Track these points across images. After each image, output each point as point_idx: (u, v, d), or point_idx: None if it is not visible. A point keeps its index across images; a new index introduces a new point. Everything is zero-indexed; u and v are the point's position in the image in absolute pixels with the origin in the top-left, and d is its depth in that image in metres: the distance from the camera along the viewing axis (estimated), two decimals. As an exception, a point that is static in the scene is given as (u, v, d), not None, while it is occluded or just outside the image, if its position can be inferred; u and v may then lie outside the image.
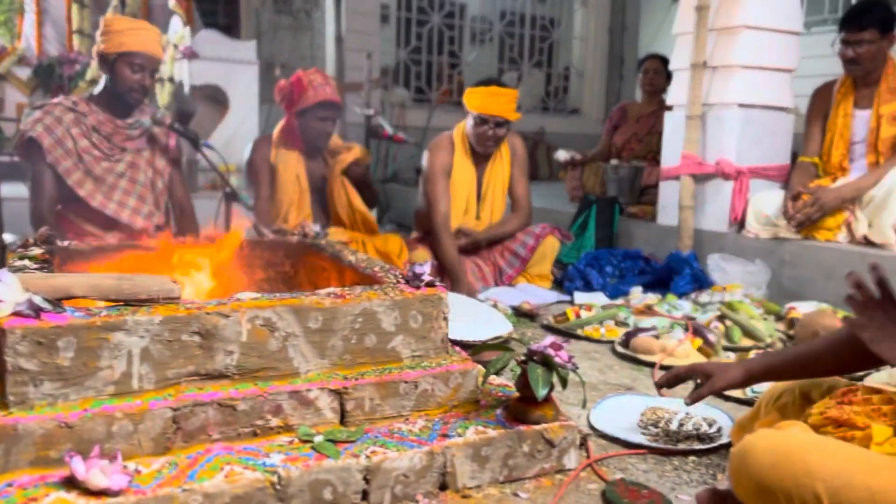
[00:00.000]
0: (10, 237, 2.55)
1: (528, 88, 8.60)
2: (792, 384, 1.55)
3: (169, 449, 1.49)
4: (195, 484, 1.37)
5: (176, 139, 3.22)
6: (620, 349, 2.72)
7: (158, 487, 1.35)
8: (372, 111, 6.14)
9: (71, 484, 1.33)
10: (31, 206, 2.94)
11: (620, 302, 3.32)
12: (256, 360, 1.63)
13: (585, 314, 3.05)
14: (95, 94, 3.08)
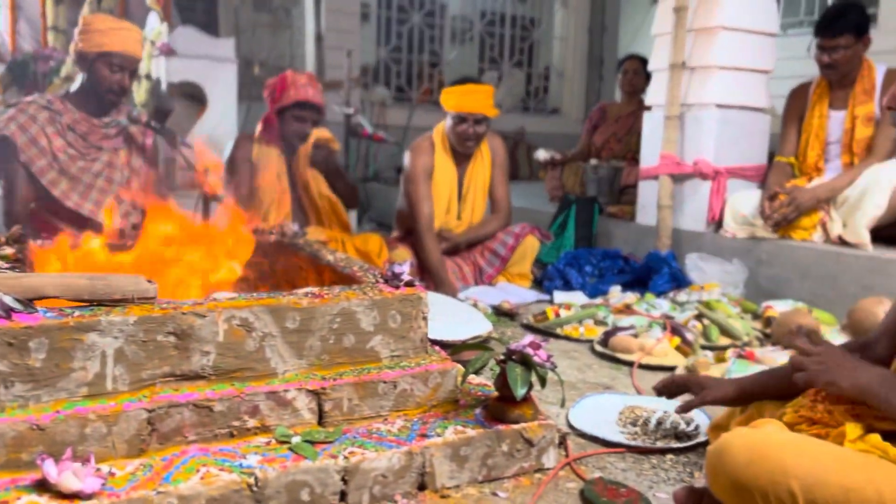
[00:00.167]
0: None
1: (508, 88, 8.61)
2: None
3: (144, 451, 1.47)
4: (170, 486, 1.35)
5: (153, 137, 3.19)
6: (599, 348, 2.73)
7: (133, 490, 1.33)
8: (352, 110, 6.12)
9: (43, 487, 1.31)
10: (3, 205, 2.89)
11: (599, 301, 3.33)
12: (233, 360, 1.62)
13: (565, 313, 3.07)
14: (72, 92, 3.04)
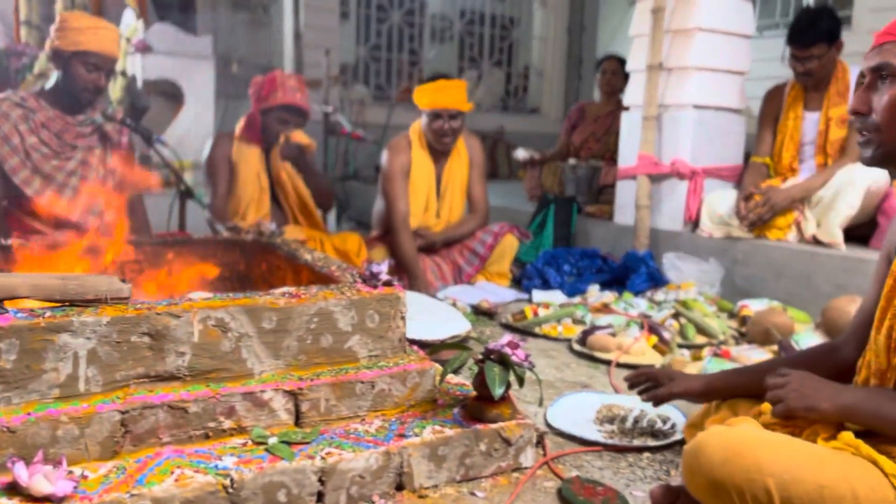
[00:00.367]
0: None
1: (487, 87, 8.63)
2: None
3: (117, 453, 1.45)
4: (144, 489, 1.33)
5: (128, 135, 3.15)
6: (577, 347, 2.74)
7: (106, 493, 1.31)
8: (331, 108, 6.09)
9: (13, 490, 1.29)
10: None
11: (578, 300, 3.35)
12: (209, 361, 1.60)
13: (543, 312, 3.07)
14: (46, 89, 2.99)
